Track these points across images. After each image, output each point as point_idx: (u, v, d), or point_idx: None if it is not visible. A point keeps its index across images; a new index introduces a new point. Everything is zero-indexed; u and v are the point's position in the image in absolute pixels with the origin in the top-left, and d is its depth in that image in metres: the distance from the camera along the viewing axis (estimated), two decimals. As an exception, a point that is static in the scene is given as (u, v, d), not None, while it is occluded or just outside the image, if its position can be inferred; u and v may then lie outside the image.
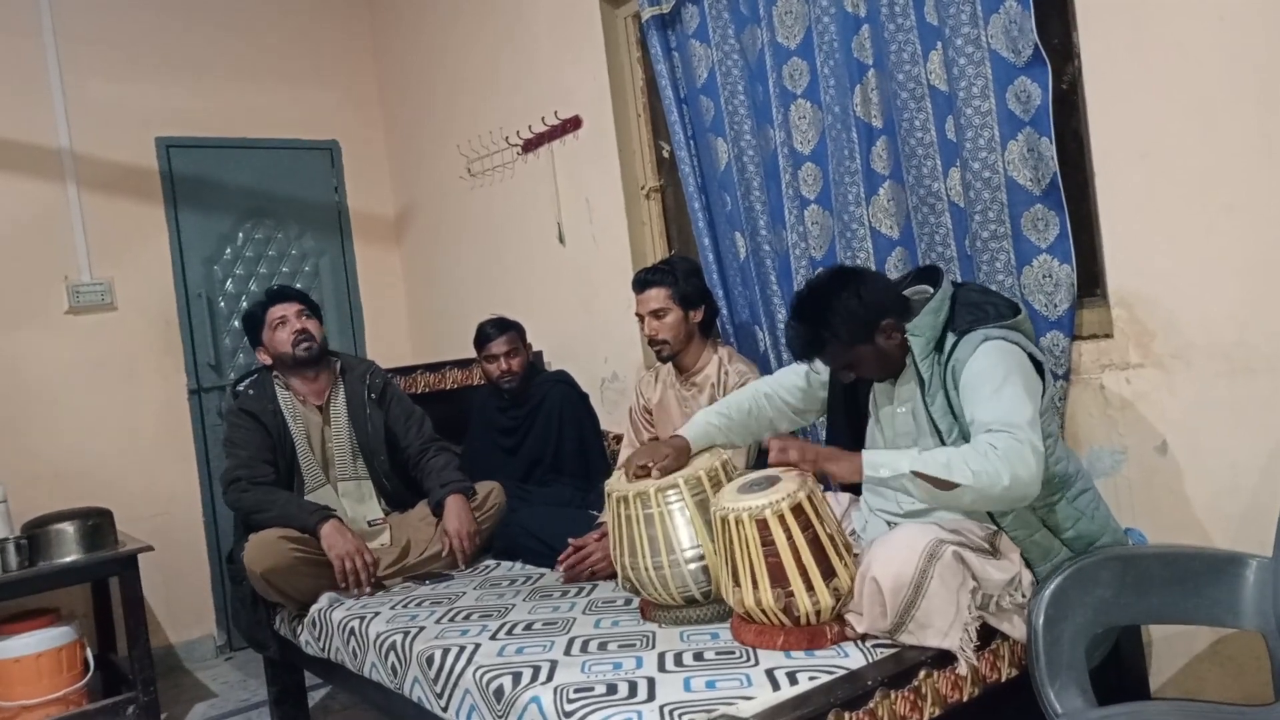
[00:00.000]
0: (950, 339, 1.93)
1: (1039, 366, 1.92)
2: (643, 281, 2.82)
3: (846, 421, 2.24)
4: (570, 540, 2.64)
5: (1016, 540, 1.91)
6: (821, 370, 2.22)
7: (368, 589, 2.69)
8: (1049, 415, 1.93)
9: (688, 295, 2.77)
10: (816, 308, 1.97)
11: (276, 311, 3.03)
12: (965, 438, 1.88)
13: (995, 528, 1.93)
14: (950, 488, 1.76)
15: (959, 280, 2.30)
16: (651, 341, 2.82)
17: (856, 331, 1.95)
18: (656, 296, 2.77)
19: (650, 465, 2.14)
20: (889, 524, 2.08)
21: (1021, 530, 1.90)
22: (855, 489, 2.31)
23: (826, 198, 2.66)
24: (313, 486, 2.97)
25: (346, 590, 2.70)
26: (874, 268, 2.55)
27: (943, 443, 1.92)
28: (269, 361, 3.06)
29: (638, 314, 2.83)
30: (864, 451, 1.90)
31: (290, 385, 3.04)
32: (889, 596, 1.78)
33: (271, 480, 2.90)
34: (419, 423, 3.14)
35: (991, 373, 1.84)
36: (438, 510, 2.94)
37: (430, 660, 2.13)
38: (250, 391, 3.05)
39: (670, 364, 2.89)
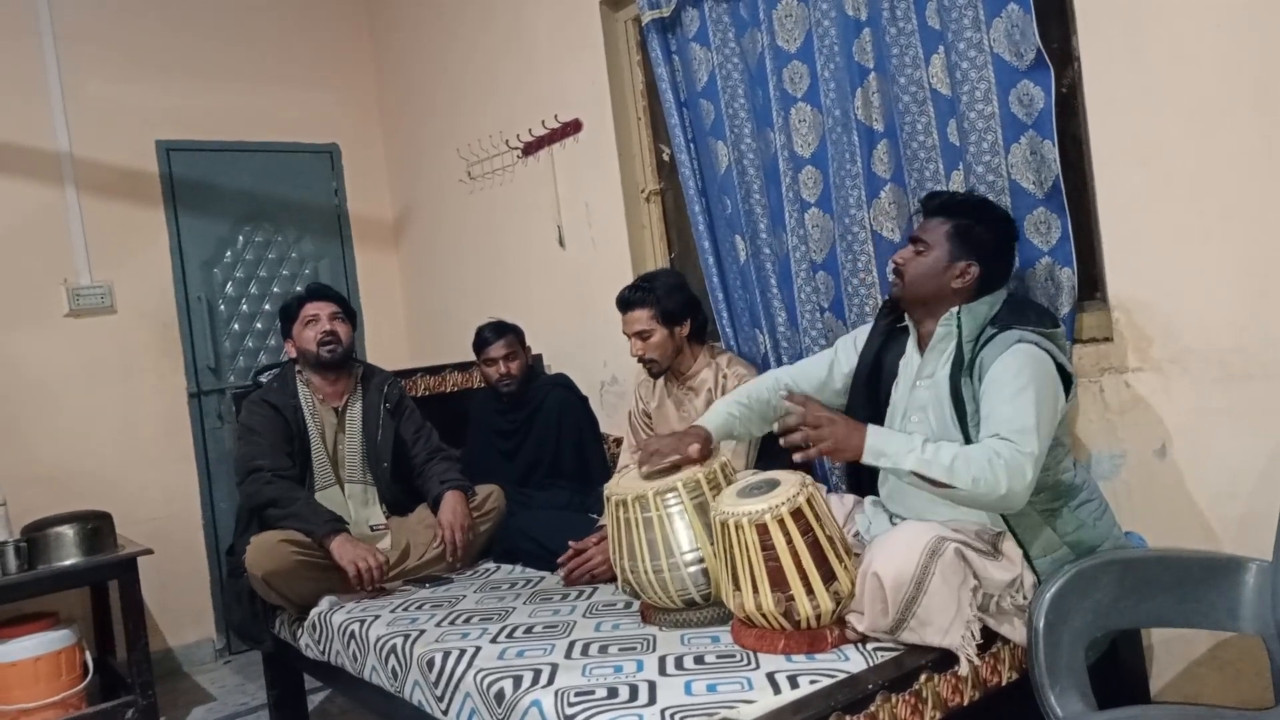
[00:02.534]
0: (988, 331, 1.97)
1: (1067, 380, 1.93)
2: (625, 301, 2.82)
3: (865, 413, 2.23)
4: (570, 544, 2.64)
5: (1019, 531, 1.91)
6: (844, 361, 2.30)
7: (380, 584, 2.69)
8: (1062, 427, 1.95)
9: (670, 312, 2.76)
10: (981, 201, 2.12)
11: (310, 309, 3.05)
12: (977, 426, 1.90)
13: (998, 529, 1.93)
14: (946, 488, 1.79)
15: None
16: (640, 360, 2.83)
17: (966, 239, 2.02)
18: (640, 318, 2.77)
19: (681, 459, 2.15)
20: (892, 520, 2.10)
21: (1024, 520, 1.91)
22: (858, 489, 2.32)
23: (827, 201, 2.66)
24: (322, 485, 2.98)
25: (354, 593, 2.70)
26: (875, 271, 2.55)
27: (963, 422, 1.93)
28: (294, 355, 3.09)
29: (624, 333, 2.84)
30: (869, 431, 1.88)
31: (311, 383, 3.07)
32: (890, 593, 1.78)
33: (293, 474, 2.91)
34: (427, 435, 3.17)
35: (1016, 375, 1.85)
36: (435, 505, 2.94)
37: (431, 663, 2.13)
38: (274, 384, 3.07)
39: (666, 371, 2.89)
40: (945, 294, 2.03)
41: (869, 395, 2.24)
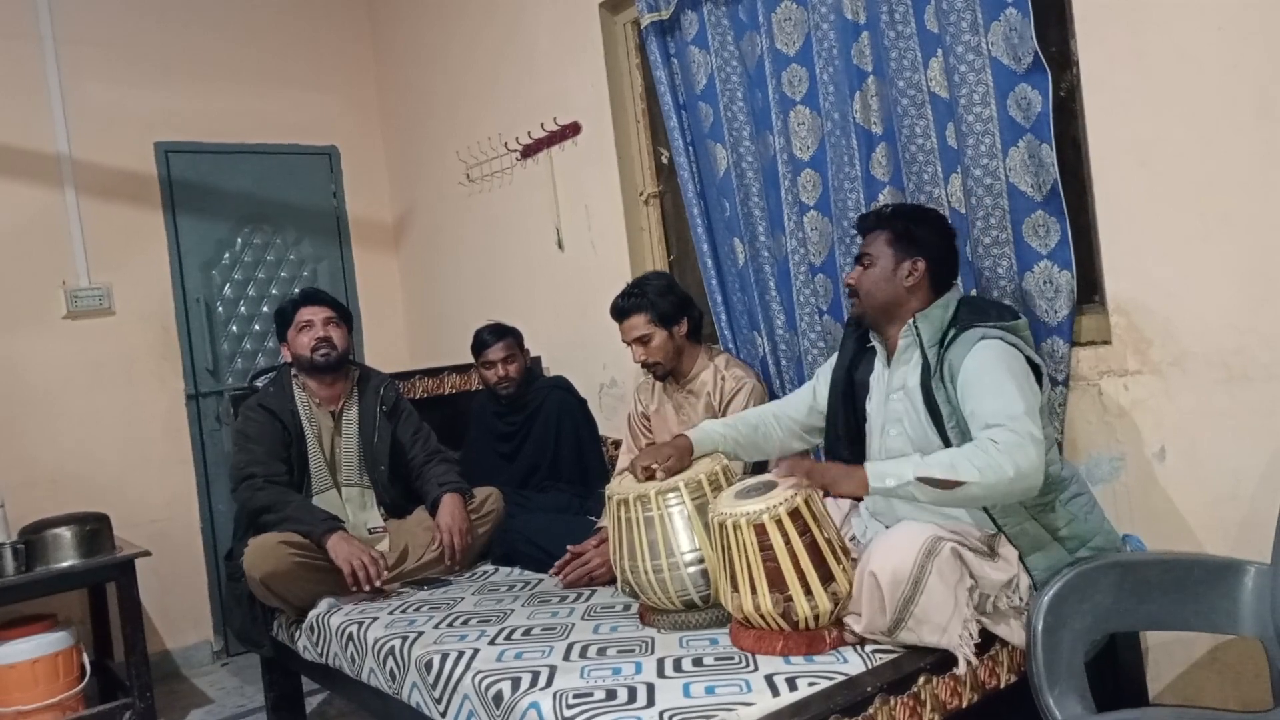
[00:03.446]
0: (950, 333, 2.00)
1: (1036, 370, 1.96)
2: (620, 310, 2.82)
3: (844, 427, 2.26)
4: (569, 548, 2.64)
5: (1007, 528, 1.91)
6: (822, 389, 2.33)
7: (378, 583, 2.67)
8: (1045, 420, 1.94)
9: (665, 314, 2.76)
10: (913, 207, 2.23)
11: (305, 314, 3.05)
12: (961, 427, 1.91)
13: (993, 531, 1.93)
14: (956, 486, 1.78)
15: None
16: (644, 365, 2.83)
17: (906, 240, 2.08)
18: (637, 324, 2.78)
19: (654, 466, 2.15)
20: (887, 528, 2.09)
21: (1011, 519, 1.91)
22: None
23: (826, 204, 2.66)
24: (319, 489, 2.98)
25: (354, 593, 2.69)
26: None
27: (940, 427, 1.95)
28: (290, 359, 3.08)
29: (624, 341, 2.84)
30: (867, 464, 1.90)
31: (307, 386, 3.06)
32: (888, 592, 1.78)
33: (286, 480, 2.91)
34: (425, 437, 3.16)
35: (990, 371, 1.88)
36: (433, 508, 2.94)
37: (429, 665, 2.13)
38: (270, 389, 3.07)
39: (667, 373, 2.89)
40: (901, 297, 2.08)
41: (846, 410, 2.27)
